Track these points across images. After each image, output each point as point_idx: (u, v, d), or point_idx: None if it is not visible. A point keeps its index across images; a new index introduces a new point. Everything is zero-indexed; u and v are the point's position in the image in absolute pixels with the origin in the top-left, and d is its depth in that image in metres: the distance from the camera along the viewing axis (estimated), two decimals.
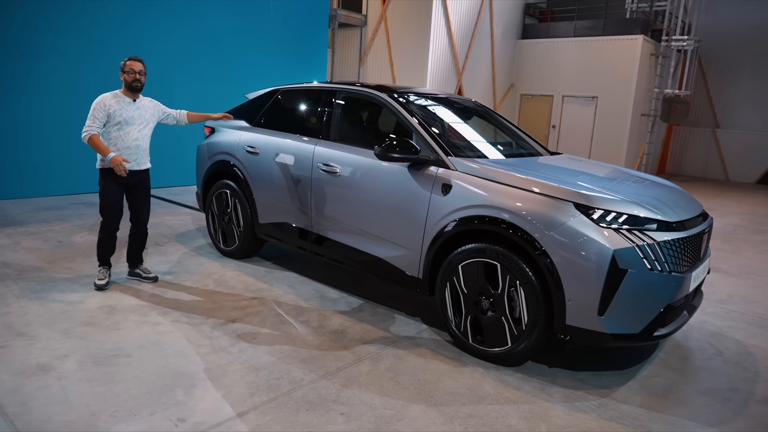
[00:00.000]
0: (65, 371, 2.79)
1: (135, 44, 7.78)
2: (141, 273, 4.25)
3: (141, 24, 7.81)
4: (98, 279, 4.05)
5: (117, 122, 3.90)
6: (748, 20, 14.62)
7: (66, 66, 7.13)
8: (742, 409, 2.84)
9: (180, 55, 8.29)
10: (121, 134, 3.92)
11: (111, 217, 4.01)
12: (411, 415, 2.58)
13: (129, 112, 3.95)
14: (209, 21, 8.51)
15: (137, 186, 4.08)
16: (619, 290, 2.72)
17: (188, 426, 2.39)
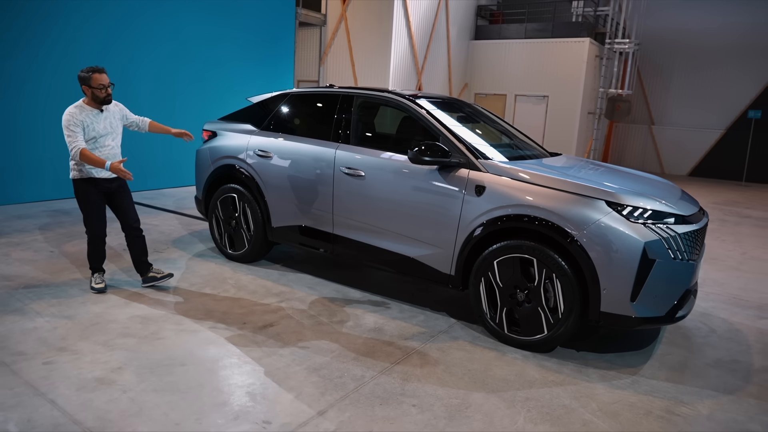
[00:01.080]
0: (127, 383, 2.76)
1: (108, 55, 7.51)
2: (156, 275, 4.18)
3: (112, 32, 7.51)
4: (95, 283, 4.02)
5: (91, 137, 3.83)
6: (679, 26, 15.87)
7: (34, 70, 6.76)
8: (748, 377, 3.25)
9: (148, 59, 8.04)
10: (97, 147, 3.86)
11: (98, 225, 3.97)
12: (476, 402, 2.77)
13: (100, 124, 3.87)
14: (179, 26, 8.29)
15: (118, 191, 4.05)
16: (648, 278, 3.04)
17: (276, 427, 2.46)
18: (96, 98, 3.80)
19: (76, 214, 6.37)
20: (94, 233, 3.98)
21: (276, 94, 4.88)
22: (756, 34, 14.98)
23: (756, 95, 15.25)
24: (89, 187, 3.89)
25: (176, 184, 8.70)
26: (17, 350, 3.04)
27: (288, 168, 4.43)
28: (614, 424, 2.64)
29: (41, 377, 2.77)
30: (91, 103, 3.84)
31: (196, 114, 8.98)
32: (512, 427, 2.57)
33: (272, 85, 10.00)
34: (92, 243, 4.00)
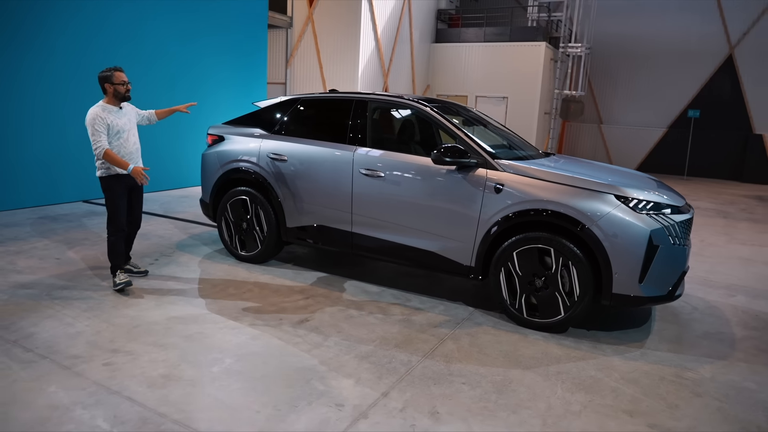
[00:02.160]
0: (195, 378, 2.90)
1: (84, 59, 7.39)
2: (132, 269, 4.46)
3: (88, 39, 7.38)
4: (119, 279, 4.14)
5: (116, 132, 4.10)
6: (625, 32, 16.96)
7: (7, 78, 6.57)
8: (734, 345, 3.74)
9: (123, 62, 7.93)
10: (121, 142, 4.13)
11: (121, 219, 4.17)
12: (516, 378, 3.09)
13: (121, 120, 4.14)
14: (152, 30, 8.21)
15: (135, 189, 4.32)
16: (653, 262, 3.46)
17: (349, 409, 2.68)
18: (117, 94, 4.07)
19: (64, 221, 6.27)
20: (118, 226, 4.17)
21: (285, 99, 5.03)
22: (693, 40, 16.24)
23: (694, 95, 16.52)
24: (115, 184, 4.12)
25: (156, 188, 8.59)
26: (71, 354, 3.10)
27: (304, 170, 4.61)
28: (637, 389, 3.03)
29: (107, 377, 2.86)
30: (112, 101, 4.10)
31: (172, 118, 8.91)
32: (554, 396, 2.91)
33: (246, 87, 10.03)
34: (114, 235, 4.16)
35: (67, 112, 7.23)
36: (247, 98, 10.05)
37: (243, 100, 9.92)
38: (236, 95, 9.80)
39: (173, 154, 8.73)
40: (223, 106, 9.52)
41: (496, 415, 2.70)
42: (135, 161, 4.25)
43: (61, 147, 7.20)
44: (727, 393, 3.06)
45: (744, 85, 15.90)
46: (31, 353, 3.08)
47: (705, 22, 16.14)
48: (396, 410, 2.70)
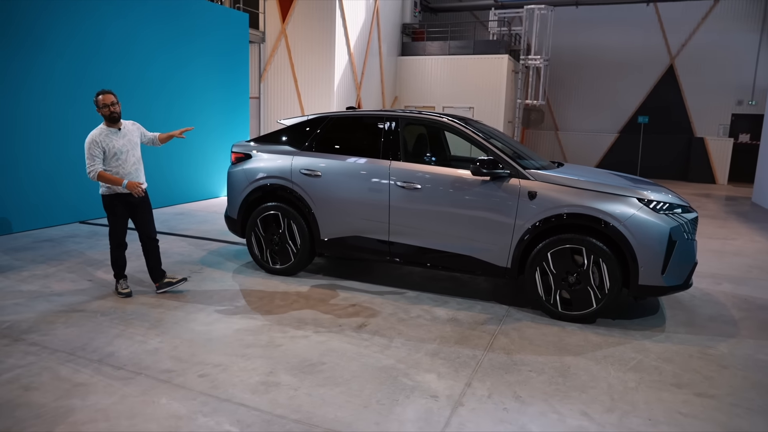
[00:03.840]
0: (291, 383, 3.11)
1: (79, 81, 7.35)
2: (171, 281, 4.64)
3: (84, 62, 7.34)
4: (122, 288, 4.49)
5: (113, 154, 4.30)
6: (576, 44, 18.08)
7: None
8: (737, 324, 4.30)
9: (111, 80, 7.91)
10: (120, 163, 4.33)
11: (121, 235, 4.47)
12: (572, 364, 3.48)
13: (119, 141, 4.33)
14: (138, 46, 8.22)
15: (141, 205, 4.52)
16: (672, 255, 3.96)
17: (444, 400, 2.98)
18: (105, 117, 4.28)
19: (72, 243, 6.22)
20: (118, 242, 4.47)
21: (313, 117, 5.27)
22: (638, 51, 17.54)
23: (641, 102, 17.81)
24: (116, 202, 4.37)
25: None
26: (162, 369, 3.23)
27: (339, 185, 4.87)
28: (674, 366, 3.49)
29: (210, 387, 3.03)
30: (108, 124, 4.31)
31: (161, 130, 8.91)
32: (610, 377, 3.31)
33: (229, 103, 10.08)
34: (115, 250, 4.48)
35: (60, 134, 7.14)
36: (230, 113, 10.13)
37: (227, 116, 10.00)
38: (220, 111, 9.85)
39: (162, 171, 8.69)
40: (207, 121, 9.56)
41: (570, 395, 3.07)
42: (134, 176, 4.39)
43: (53, 169, 7.08)
44: (746, 364, 3.57)
45: (684, 92, 17.31)
46: (122, 370, 3.19)
47: (648, 35, 17.47)
48: (484, 397, 3.02)
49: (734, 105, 16.80)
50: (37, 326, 3.81)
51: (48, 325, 3.85)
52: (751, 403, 3.06)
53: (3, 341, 3.55)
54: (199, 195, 9.53)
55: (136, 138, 4.50)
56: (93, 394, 2.91)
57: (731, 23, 16.52)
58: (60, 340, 3.58)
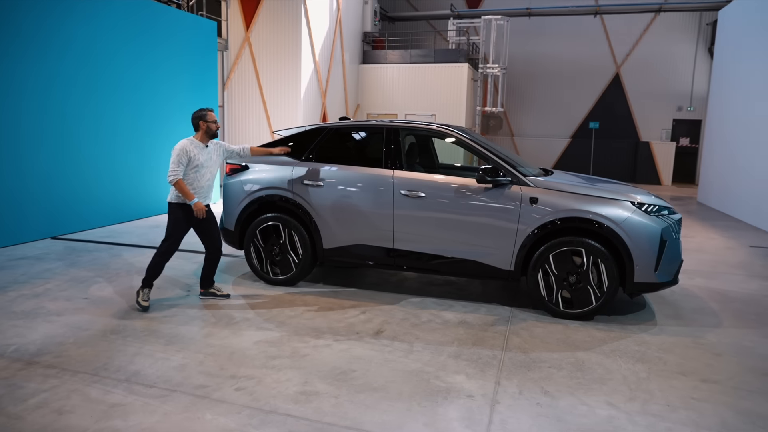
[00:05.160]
0: (330, 391, 3.17)
1: (30, 79, 7.08)
2: (216, 292, 4.85)
3: (37, 60, 7.06)
4: (143, 300, 4.49)
5: (195, 166, 4.45)
6: (529, 52, 18.84)
7: None
8: (718, 315, 4.69)
9: (84, 89, 7.65)
10: (197, 176, 4.49)
11: (175, 244, 4.56)
12: (585, 358, 3.71)
13: (204, 156, 4.52)
14: (103, 52, 7.99)
15: (207, 219, 4.62)
16: (663, 253, 4.29)
17: (479, 398, 3.13)
18: (209, 131, 4.55)
19: (51, 260, 5.96)
20: (169, 250, 4.55)
21: (312, 127, 5.31)
22: (586, 60, 18.48)
23: (590, 109, 18.76)
24: (181, 212, 4.50)
25: (119, 220, 8.26)
26: (196, 384, 3.21)
27: (341, 195, 4.94)
28: (675, 356, 3.79)
29: (251, 400, 3.04)
30: (202, 138, 4.56)
31: (131, 147, 8.75)
32: (622, 369, 3.56)
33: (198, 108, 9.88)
34: (162, 256, 4.54)
35: (30, 144, 6.83)
36: None
37: None
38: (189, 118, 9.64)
39: (132, 182, 8.44)
40: (176, 129, 9.35)
41: (592, 388, 3.29)
42: (204, 196, 4.57)
43: (21, 182, 6.75)
44: (736, 351, 3.92)
45: (630, 99, 18.38)
46: (155, 388, 3.15)
47: (595, 45, 18.45)
48: (516, 394, 3.19)
49: (675, 111, 17.99)
50: (46, 348, 3.67)
51: (58, 346, 3.71)
52: (751, 386, 3.38)
53: (16, 365, 3.41)
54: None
55: (216, 157, 4.70)
56: (133, 414, 2.87)
57: (670, 35, 17.71)
58: (77, 361, 3.48)
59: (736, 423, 2.93)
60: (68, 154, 7.32)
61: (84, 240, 7.02)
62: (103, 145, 7.87)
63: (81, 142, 7.51)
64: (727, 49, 11.99)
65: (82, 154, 7.54)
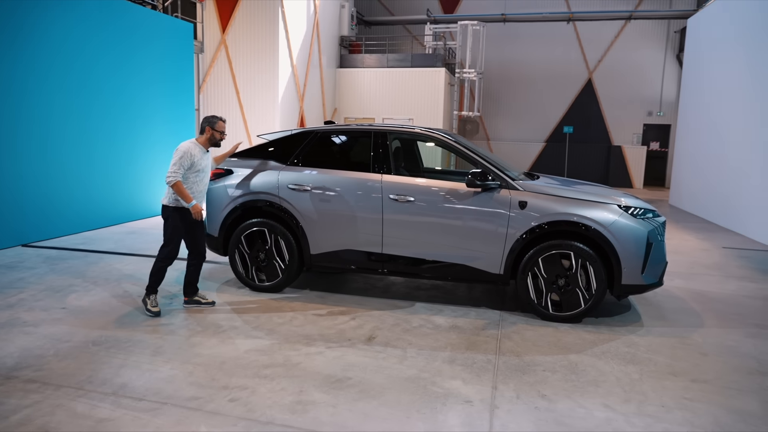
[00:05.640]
0: (327, 401, 3.10)
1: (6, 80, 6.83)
2: (201, 300, 4.75)
3: (9, 63, 6.81)
4: (152, 306, 4.46)
5: (197, 170, 4.44)
6: (504, 58, 19.09)
7: None
8: (700, 316, 4.79)
9: (55, 90, 7.40)
10: (197, 180, 4.47)
11: (176, 249, 4.47)
12: (578, 361, 3.74)
13: (204, 161, 4.52)
14: (80, 57, 7.76)
15: (197, 222, 4.57)
16: (650, 256, 4.36)
17: (478, 403, 3.11)
18: (212, 139, 4.52)
19: (23, 269, 5.72)
20: (171, 255, 4.45)
21: (299, 131, 5.24)
22: (560, 66, 18.83)
23: (564, 114, 19.11)
24: (178, 216, 4.41)
25: (93, 226, 8.01)
26: (187, 396, 3.10)
27: (329, 199, 4.88)
28: (663, 356, 3.85)
29: (246, 411, 2.96)
30: (205, 143, 4.51)
31: (103, 152, 8.53)
32: (614, 371, 3.60)
33: (175, 112, 9.67)
34: (163, 262, 4.45)
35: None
36: (176, 124, 9.72)
37: (172, 127, 9.58)
38: (165, 122, 9.42)
39: (105, 188, 8.19)
40: (152, 133, 9.14)
41: (587, 390, 3.31)
42: (200, 200, 4.53)
43: None
44: (721, 351, 4.01)
45: (602, 104, 18.80)
46: (144, 401, 3.03)
47: (568, 51, 18.82)
48: (513, 398, 3.18)
49: (645, 116, 18.48)
50: (25, 361, 3.51)
51: (38, 359, 3.55)
52: (739, 385, 3.45)
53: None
54: (145, 212, 9.04)
55: (211, 163, 4.75)
56: (123, 429, 2.75)
57: (640, 42, 18.19)
58: (59, 375, 3.33)
59: (729, 422, 2.99)
60: (39, 158, 7.06)
61: (57, 247, 6.77)
62: (77, 149, 7.62)
63: (52, 145, 7.25)
64: (696, 56, 12.37)
65: (54, 158, 7.28)
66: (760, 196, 8.55)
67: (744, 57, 9.55)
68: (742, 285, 5.89)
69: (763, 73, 8.75)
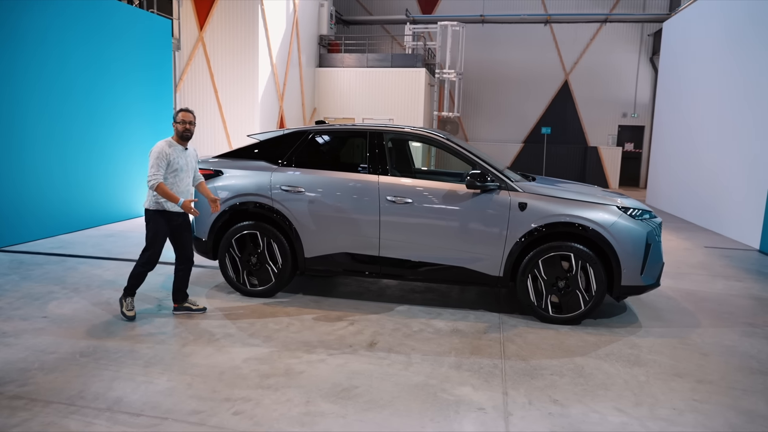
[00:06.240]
0: (335, 411, 2.99)
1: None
2: (191, 306, 4.57)
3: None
4: (128, 309, 4.30)
5: (174, 170, 4.23)
6: (482, 59, 19.20)
7: None
8: (695, 315, 4.84)
9: (27, 88, 7.08)
10: (176, 181, 4.26)
11: (157, 252, 4.28)
12: (583, 364, 3.70)
13: (182, 159, 4.29)
14: (56, 54, 7.43)
15: (182, 226, 4.41)
16: (648, 257, 4.37)
17: (491, 411, 3.04)
18: (179, 132, 4.25)
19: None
20: (151, 260, 4.27)
21: (291, 131, 5.09)
22: (537, 67, 19.04)
23: (541, 115, 19.33)
24: (160, 219, 4.23)
25: (70, 229, 7.67)
26: (188, 410, 2.94)
27: (324, 201, 4.75)
28: (666, 357, 3.85)
29: (253, 424, 2.82)
30: (177, 140, 4.28)
31: (72, 149, 8.22)
32: (621, 373, 3.58)
33: (153, 110, 9.36)
34: (144, 266, 4.28)
35: None
36: (154, 123, 9.41)
37: (150, 126, 9.27)
38: (143, 120, 9.11)
39: (82, 189, 7.87)
40: (129, 131, 8.83)
41: (597, 394, 3.27)
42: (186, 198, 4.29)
43: None
44: (720, 350, 4.04)
45: (578, 105, 19.08)
46: (143, 417, 2.86)
47: (544, 52, 19.05)
48: (526, 404, 3.12)
49: (620, 117, 18.84)
50: (8, 376, 3.28)
51: (21, 373, 3.33)
52: (743, 385, 3.47)
53: None
54: (123, 215, 8.72)
55: (193, 162, 4.45)
56: None
57: (615, 44, 18.53)
58: (47, 390, 3.12)
59: (740, 423, 2.99)
60: (10, 157, 6.72)
61: (31, 252, 6.45)
62: (52, 149, 7.28)
63: (25, 146, 6.92)
64: (672, 58, 12.63)
65: (27, 158, 6.95)
66: (738, 197, 8.76)
67: (720, 59, 9.79)
68: (729, 284, 6.00)
69: (739, 74, 8.97)
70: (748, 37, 8.79)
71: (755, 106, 8.39)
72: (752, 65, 8.57)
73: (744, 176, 8.62)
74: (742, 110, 8.82)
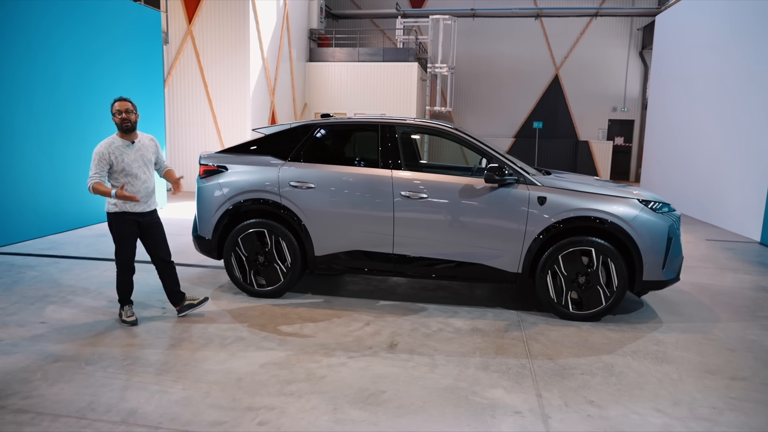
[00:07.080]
0: (366, 417, 2.83)
1: None
2: (192, 302, 4.33)
3: None
4: (127, 316, 4.10)
5: (121, 169, 3.94)
6: (473, 53, 19.10)
7: None
8: (713, 309, 4.77)
9: (22, 85, 6.77)
10: (129, 179, 3.95)
11: (129, 256, 4.05)
12: (612, 362, 3.59)
13: (130, 156, 3.97)
14: (44, 49, 7.12)
15: (151, 226, 4.15)
16: (669, 251, 4.28)
17: (527, 414, 2.90)
18: (117, 125, 3.93)
19: None
20: (125, 264, 4.05)
21: (298, 124, 4.89)
22: (527, 62, 19.00)
23: (532, 109, 19.30)
24: (121, 221, 3.96)
25: (59, 229, 7.38)
26: (209, 421, 2.76)
27: (335, 197, 4.57)
28: (694, 354, 3.77)
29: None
30: (121, 135, 3.95)
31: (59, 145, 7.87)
32: (652, 371, 3.47)
33: (143, 105, 9.04)
34: (122, 273, 4.07)
35: None
36: (144, 118, 9.09)
37: (141, 120, 8.95)
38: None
39: (71, 188, 7.56)
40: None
41: (633, 394, 3.16)
42: (142, 200, 3.97)
43: None
44: (746, 345, 3.97)
45: (568, 99, 19.09)
46: (162, 430, 2.67)
47: (535, 46, 19.02)
48: (562, 406, 3.00)
49: (610, 111, 18.90)
50: (10, 388, 3.06)
51: (24, 384, 3.11)
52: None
53: None
54: None
55: (149, 155, 4.07)
56: None
57: (605, 39, 18.56)
58: (54, 402, 2.91)
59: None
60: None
61: (22, 253, 6.17)
62: (39, 145, 6.98)
63: (10, 141, 6.61)
64: (665, 52, 12.65)
65: (14, 156, 6.64)
66: (738, 190, 8.77)
67: (718, 49, 9.79)
68: (739, 277, 5.96)
69: (733, 68, 8.97)
70: (746, 26, 8.79)
71: (755, 97, 8.39)
72: (752, 55, 8.56)
73: (744, 168, 8.63)
74: (742, 101, 8.82)
